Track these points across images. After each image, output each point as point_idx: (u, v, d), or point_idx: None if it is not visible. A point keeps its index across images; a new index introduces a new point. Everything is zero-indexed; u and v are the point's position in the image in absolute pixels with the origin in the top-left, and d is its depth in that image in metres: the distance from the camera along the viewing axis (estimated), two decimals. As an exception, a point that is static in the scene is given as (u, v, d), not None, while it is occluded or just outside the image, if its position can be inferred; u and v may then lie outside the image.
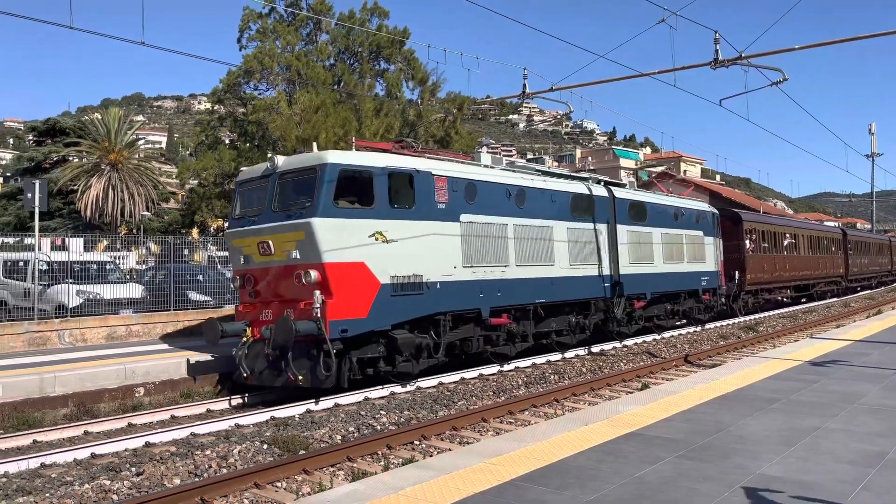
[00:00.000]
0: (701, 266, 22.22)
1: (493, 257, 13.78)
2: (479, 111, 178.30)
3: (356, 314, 11.23)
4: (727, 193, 59.72)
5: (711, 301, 22.81)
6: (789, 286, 31.94)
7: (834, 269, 38.29)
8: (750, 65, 15.09)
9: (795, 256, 32.41)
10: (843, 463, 5.89)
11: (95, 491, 6.97)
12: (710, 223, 23.33)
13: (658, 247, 19.91)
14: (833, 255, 38.39)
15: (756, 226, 28.27)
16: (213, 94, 37.63)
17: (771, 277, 28.78)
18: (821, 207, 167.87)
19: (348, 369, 11.37)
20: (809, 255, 34.39)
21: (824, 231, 39.66)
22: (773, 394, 8.95)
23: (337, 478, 7.64)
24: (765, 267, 28.14)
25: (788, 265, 31.04)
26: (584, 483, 5.44)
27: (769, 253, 29.05)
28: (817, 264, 35.27)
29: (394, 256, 11.68)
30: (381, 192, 11.68)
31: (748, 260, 26.09)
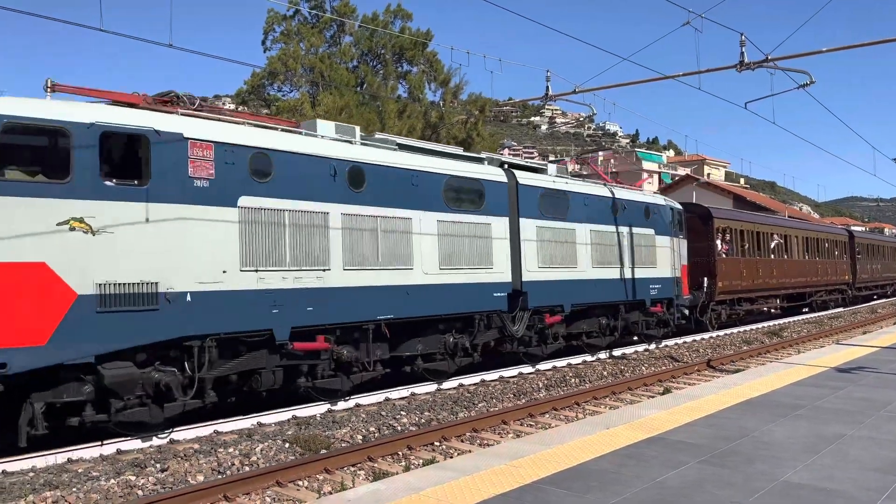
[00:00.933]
0: (651, 271, 18.08)
1: (301, 258, 10.20)
2: (500, 113, 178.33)
3: (25, 339, 7.62)
4: (751, 197, 59.06)
5: (665, 314, 18.49)
6: (778, 295, 27.09)
7: (838, 276, 33.69)
8: (776, 67, 14.92)
9: (787, 261, 27.73)
10: (869, 471, 5.81)
11: (121, 486, 7.08)
12: (666, 220, 19.16)
13: (584, 247, 15.72)
14: (836, 260, 33.84)
15: (732, 224, 23.93)
16: (238, 96, 38.00)
17: (752, 284, 24.22)
18: (847, 212, 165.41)
19: (28, 421, 7.82)
20: (806, 259, 29.93)
21: (825, 232, 34.14)
22: (797, 400, 8.85)
23: (358, 477, 7.69)
24: (743, 272, 23.69)
25: (777, 271, 26.26)
26: (605, 487, 5.42)
27: (750, 256, 24.60)
28: (816, 270, 30.60)
29: (105, 255, 8.20)
30: (85, 159, 8.17)
31: (720, 264, 21.96)
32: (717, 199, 50.05)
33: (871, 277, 40.15)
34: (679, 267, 19.52)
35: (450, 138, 36.01)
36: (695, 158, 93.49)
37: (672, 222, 19.49)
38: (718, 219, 22.88)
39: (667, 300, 18.65)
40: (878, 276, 42.01)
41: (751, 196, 60.18)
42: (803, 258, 29.64)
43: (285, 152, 10.15)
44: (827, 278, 31.96)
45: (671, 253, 19.13)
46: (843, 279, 34.58)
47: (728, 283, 22.41)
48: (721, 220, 23.09)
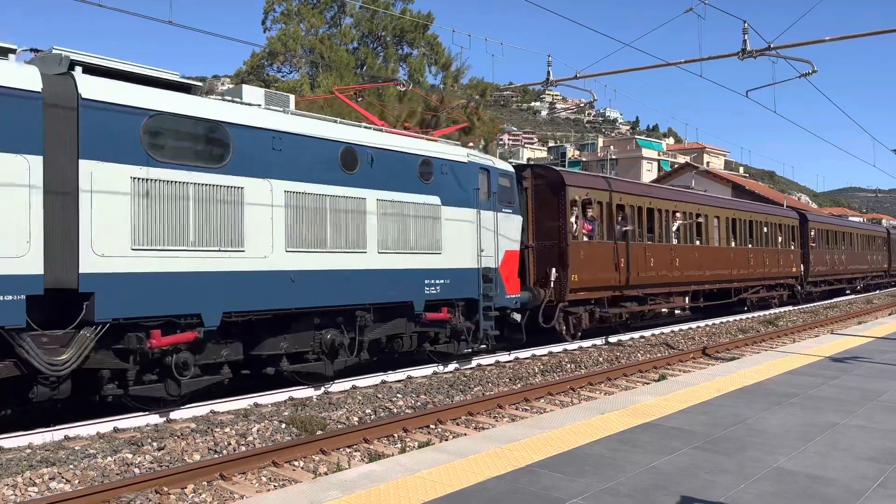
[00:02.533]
0: (431, 259, 12.16)
1: None
2: (501, 98, 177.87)
3: None
4: (750, 186, 59.04)
5: (457, 322, 12.68)
6: (683, 292, 20.49)
7: (782, 268, 26.92)
8: (779, 56, 14.85)
9: (698, 248, 21.00)
10: (862, 459, 5.86)
11: (118, 464, 7.11)
12: (467, 184, 13.02)
13: (264, 217, 9.83)
14: (780, 249, 27.10)
15: (597, 195, 16.92)
16: (237, 76, 37.80)
17: (636, 278, 17.82)
18: (846, 202, 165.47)
19: None
20: (732, 246, 23.39)
21: (764, 213, 26.72)
22: (791, 388, 8.91)
23: (354, 458, 7.74)
24: (620, 262, 17.27)
25: (681, 260, 19.77)
26: (599, 471, 5.46)
27: (635, 240, 18.01)
28: (747, 260, 23.95)
29: None
30: None
31: (574, 250, 15.53)
32: (717, 187, 50.05)
33: (831, 270, 32.51)
34: (500, 253, 13.66)
35: (450, 122, 35.91)
36: (694, 146, 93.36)
37: (485, 189, 13.46)
38: (575, 187, 16.04)
39: (463, 301, 12.81)
40: (843, 269, 34.22)
41: (750, 185, 60.18)
42: (728, 245, 23.04)
43: None
44: (765, 270, 25.34)
45: (477, 233, 13.02)
46: (789, 272, 27.77)
47: (589, 276, 16.05)
48: (578, 190, 16.19)
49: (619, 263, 17.27)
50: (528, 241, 15.34)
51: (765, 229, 25.97)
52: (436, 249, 12.33)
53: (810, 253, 29.51)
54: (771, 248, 26.45)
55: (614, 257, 17.19)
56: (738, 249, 23.70)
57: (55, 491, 6.49)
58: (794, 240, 28.91)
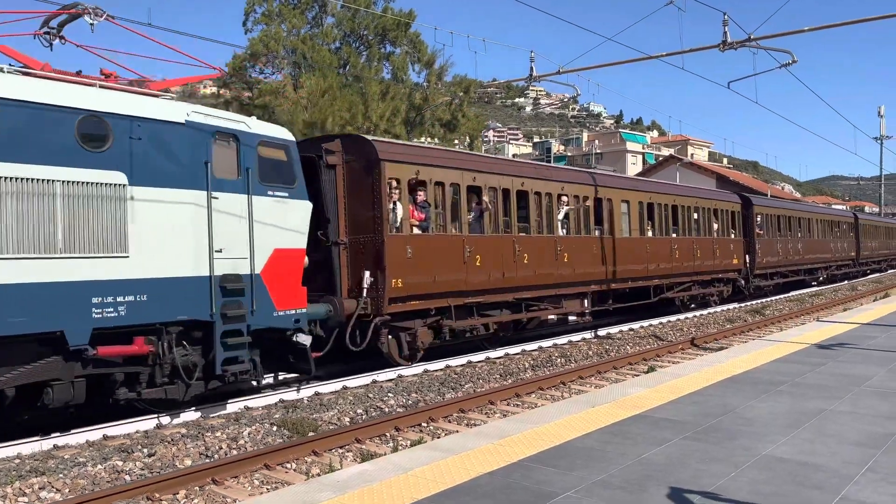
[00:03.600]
0: (106, 266, 8.16)
1: None
2: (485, 94, 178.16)
3: None
4: (734, 176, 59.46)
5: (168, 356, 8.81)
6: (578, 294, 16.68)
7: (721, 260, 23.18)
8: (759, 47, 14.97)
9: (595, 240, 17.17)
10: (849, 444, 5.93)
11: (108, 471, 7.07)
12: (190, 155, 9.15)
13: None
14: (718, 239, 23.20)
15: (435, 175, 13.12)
16: (219, 78, 37.53)
17: (502, 280, 14.15)
18: (829, 191, 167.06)
19: None
20: (650, 236, 19.72)
21: (694, 196, 22.49)
22: (779, 376, 8.99)
23: (346, 459, 7.73)
24: (470, 261, 13.38)
25: (571, 255, 16.04)
26: (590, 464, 5.49)
27: (500, 232, 14.32)
28: (670, 253, 20.14)
29: None
30: None
31: (391, 247, 11.95)
32: (701, 178, 50.39)
33: (785, 260, 28.26)
34: (264, 253, 9.93)
35: (434, 120, 35.91)
36: (678, 139, 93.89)
37: (230, 164, 9.64)
38: (395, 163, 12.20)
39: (182, 326, 8.95)
40: (798, 259, 29.79)
41: (733, 175, 60.62)
42: (643, 235, 19.33)
43: None
44: (696, 264, 21.44)
45: (208, 225, 9.20)
46: (729, 264, 23.80)
47: (422, 280, 12.38)
48: (401, 167, 12.34)
49: (472, 262, 13.34)
50: (338, 236, 11.97)
51: (695, 216, 21.89)
52: (117, 251, 8.24)
53: (756, 242, 25.28)
54: (704, 238, 22.24)
55: (464, 254, 13.13)
56: (658, 240, 19.77)
57: (45, 500, 6.44)
58: (736, 227, 24.69)
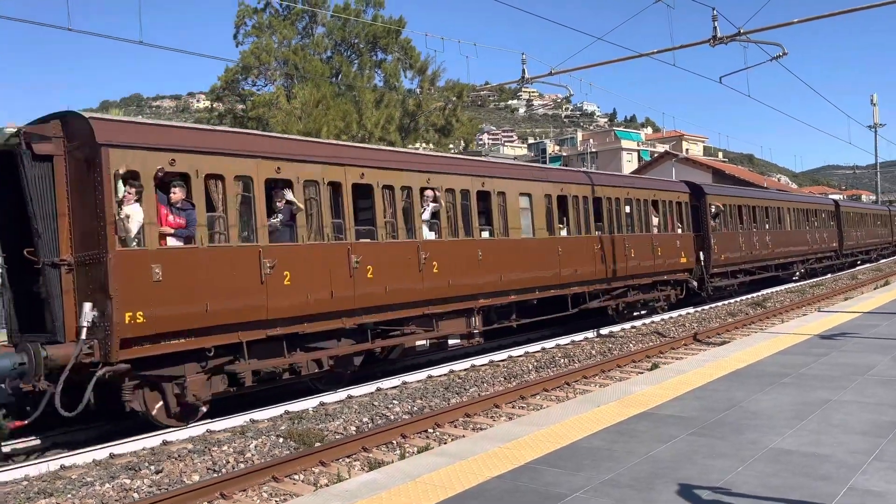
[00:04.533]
0: None
1: None
2: (478, 98, 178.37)
3: None
4: (730, 170, 59.54)
5: None
6: (461, 311, 13.40)
7: (665, 259, 19.69)
8: (749, 41, 15.02)
9: (482, 243, 13.83)
10: (855, 434, 5.93)
11: (116, 490, 7.06)
12: None
13: None
14: (660, 235, 19.72)
15: (200, 164, 9.55)
16: (212, 92, 37.61)
17: (301, 304, 10.43)
18: (825, 181, 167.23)
19: None
20: (565, 235, 16.29)
21: (625, 187, 18.96)
22: (783, 368, 8.99)
23: (353, 468, 7.73)
24: (267, 280, 9.95)
25: (443, 264, 12.71)
26: (598, 464, 5.49)
27: (327, 238, 10.99)
28: (592, 255, 16.77)
29: None
30: None
31: (119, 265, 8.52)
32: (697, 174, 50.44)
33: (749, 256, 24.74)
34: None
35: (429, 125, 35.98)
36: (673, 135, 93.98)
37: None
38: (124, 149, 8.85)
39: None
40: (766, 254, 26.18)
41: (729, 169, 60.68)
42: (548, 234, 15.61)
43: None
44: (629, 265, 18.11)
45: None
46: (676, 264, 20.36)
47: (173, 311, 8.97)
48: (136, 154, 8.97)
49: (277, 281, 9.93)
50: (57, 254, 8.74)
51: (627, 209, 18.49)
52: None
53: (712, 236, 21.86)
54: (640, 235, 18.81)
55: (261, 271, 9.76)
56: (574, 240, 16.34)
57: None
58: (684, 221, 21.19)
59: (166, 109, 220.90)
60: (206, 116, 41.65)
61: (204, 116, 42.55)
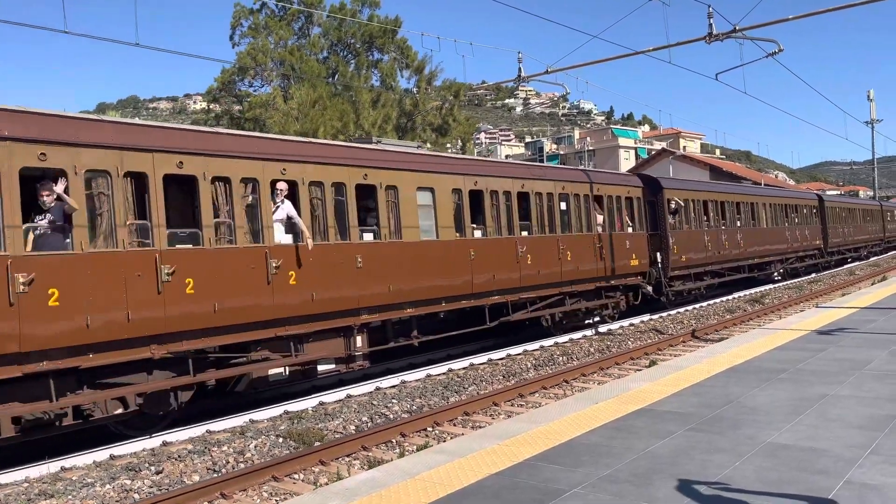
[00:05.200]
0: None
1: None
2: (475, 97, 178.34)
3: None
4: (727, 167, 59.64)
5: None
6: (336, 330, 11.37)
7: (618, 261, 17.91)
8: (745, 37, 15.05)
9: (335, 248, 11.22)
10: (852, 428, 5.96)
11: (117, 490, 7.08)
12: None
13: None
14: (599, 235, 17.32)
15: None
16: (209, 93, 37.60)
17: (75, 330, 8.03)
18: (822, 177, 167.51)
19: None
20: (477, 237, 14.10)
21: (554, 180, 16.46)
22: (780, 364, 9.02)
23: (353, 467, 7.75)
24: (15, 302, 7.48)
25: (303, 274, 10.59)
26: (596, 460, 5.52)
27: (120, 245, 8.57)
28: (514, 258, 14.66)
29: None
30: None
31: None
32: (694, 171, 50.52)
33: (716, 256, 22.57)
34: None
35: (426, 125, 36.00)
36: (670, 132, 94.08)
37: None
38: None
39: None
40: (738, 253, 24.28)
41: (727, 166, 60.78)
42: (458, 235, 13.56)
43: None
44: (569, 270, 16.07)
45: None
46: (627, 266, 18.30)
47: None
48: None
49: (30, 303, 7.67)
50: None
51: (562, 206, 16.34)
52: None
53: (670, 235, 19.87)
54: (580, 236, 16.68)
55: (8, 292, 7.52)
56: (491, 242, 14.16)
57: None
58: (637, 218, 19.23)
59: (163, 111, 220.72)
60: (202, 118, 41.66)
61: (201, 118, 42.56)
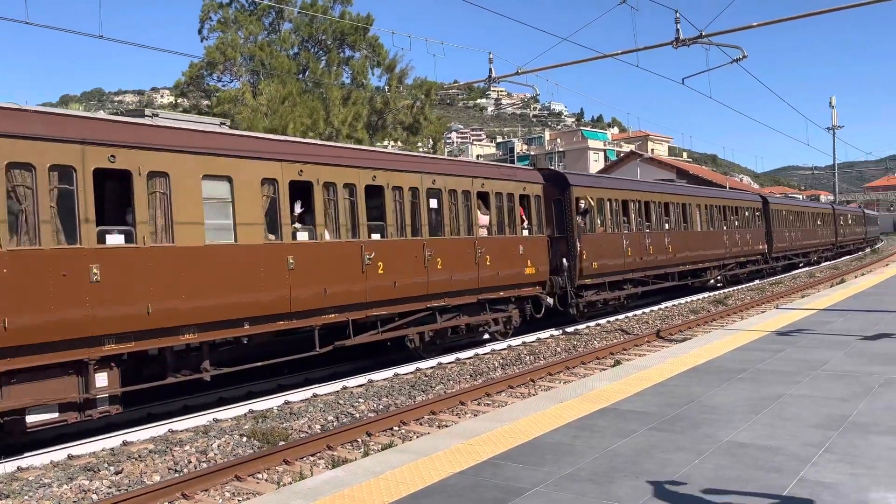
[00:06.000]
0: None
1: None
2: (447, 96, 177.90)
3: None
4: (693, 170, 60.53)
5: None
6: (49, 370, 8.28)
7: (496, 271, 14.92)
8: (710, 43, 15.30)
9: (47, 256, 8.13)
10: (808, 427, 6.10)
11: (74, 491, 6.95)
12: None
13: None
14: (480, 239, 14.68)
15: None
16: (176, 87, 37.04)
17: None
18: (785, 181, 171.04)
19: None
20: (299, 242, 11.25)
21: (430, 173, 13.81)
22: (740, 364, 9.20)
23: (317, 466, 7.71)
24: None
25: (63, 289, 8.18)
26: (559, 458, 5.57)
27: None
28: (358, 267, 11.89)
29: None
30: None
31: None
32: (662, 173, 51.21)
33: (636, 263, 20.18)
34: None
35: (397, 123, 35.92)
36: (638, 135, 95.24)
37: None
38: None
39: None
40: (667, 258, 21.94)
41: (693, 169, 61.69)
42: (269, 238, 10.87)
43: None
44: (440, 280, 13.45)
45: None
46: (513, 276, 15.46)
47: None
48: None
49: None
50: None
51: (432, 203, 13.72)
52: None
53: (578, 239, 17.32)
54: (454, 239, 13.95)
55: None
56: (321, 247, 11.41)
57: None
58: (537, 219, 16.61)
59: (129, 104, 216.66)
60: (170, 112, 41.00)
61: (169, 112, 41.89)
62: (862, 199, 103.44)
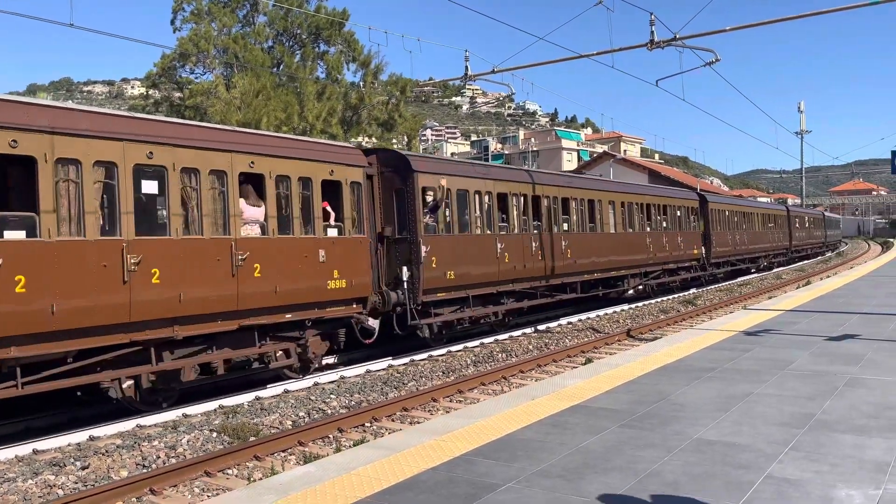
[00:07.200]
0: None
1: None
2: (422, 94, 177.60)
3: None
4: (665, 171, 61.25)
5: None
6: None
7: (283, 284, 10.68)
8: (684, 46, 15.50)
9: None
10: (774, 425, 6.22)
11: (40, 486, 6.82)
12: None
13: None
14: (253, 239, 10.49)
15: None
16: (148, 79, 36.52)
17: None
18: (754, 184, 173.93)
19: None
20: None
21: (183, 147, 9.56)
22: (709, 363, 9.34)
23: (289, 462, 7.66)
24: None
25: None
26: (531, 455, 5.61)
27: None
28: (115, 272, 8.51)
29: None
30: None
31: None
32: (634, 174, 51.75)
33: (492, 273, 15.51)
34: None
35: (371, 119, 35.82)
36: (612, 136, 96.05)
37: None
38: None
39: None
40: (567, 265, 18.33)
41: (665, 171, 62.43)
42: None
43: None
44: (155, 296, 9.07)
45: None
46: (321, 292, 11.55)
47: None
48: None
49: None
50: None
51: (146, 187, 9.40)
52: None
53: (423, 241, 13.48)
54: (190, 240, 9.70)
55: None
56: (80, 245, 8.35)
57: (-29, 520, 6.16)
58: (354, 214, 12.51)
59: (98, 95, 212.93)
60: (140, 104, 40.41)
61: (139, 104, 41.27)
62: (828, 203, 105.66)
